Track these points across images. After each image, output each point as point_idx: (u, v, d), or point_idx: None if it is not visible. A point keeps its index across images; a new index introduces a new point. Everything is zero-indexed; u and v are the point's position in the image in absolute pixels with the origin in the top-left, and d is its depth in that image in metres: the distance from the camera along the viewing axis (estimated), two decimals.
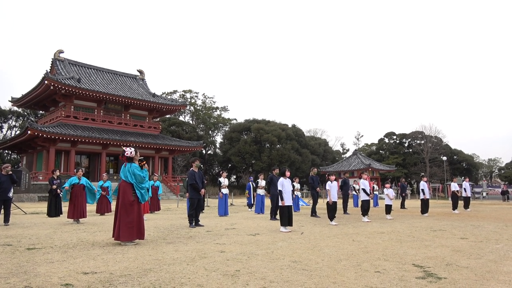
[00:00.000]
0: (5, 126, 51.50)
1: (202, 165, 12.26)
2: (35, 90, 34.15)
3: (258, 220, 11.71)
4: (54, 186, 12.25)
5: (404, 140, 64.71)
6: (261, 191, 15.02)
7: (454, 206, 15.81)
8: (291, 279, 4.10)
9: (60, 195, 12.64)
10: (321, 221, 11.33)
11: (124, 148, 6.89)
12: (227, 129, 61.98)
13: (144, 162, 7.03)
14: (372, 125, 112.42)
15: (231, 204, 22.33)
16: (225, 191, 13.70)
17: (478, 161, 73.25)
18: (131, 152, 6.71)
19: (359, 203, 12.60)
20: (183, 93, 62.94)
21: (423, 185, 14.54)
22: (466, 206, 17.26)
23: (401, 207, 19.32)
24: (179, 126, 55.95)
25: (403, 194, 20.76)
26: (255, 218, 12.56)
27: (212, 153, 61.37)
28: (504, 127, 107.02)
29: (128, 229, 6.42)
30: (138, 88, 42.13)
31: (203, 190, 9.83)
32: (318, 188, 13.37)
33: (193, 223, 9.56)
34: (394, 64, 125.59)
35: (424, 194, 14.30)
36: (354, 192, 20.53)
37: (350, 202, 19.48)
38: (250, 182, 17.73)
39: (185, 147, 40.82)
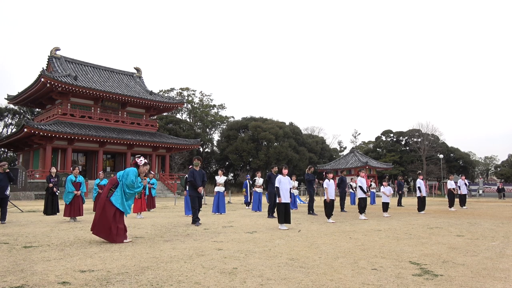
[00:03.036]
0: (1, 124, 51.31)
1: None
2: (32, 87, 34.00)
3: (256, 218, 11.72)
4: (51, 185, 12.19)
5: (401, 138, 64.92)
6: (258, 189, 15.04)
7: (451, 204, 15.88)
8: (288, 277, 4.11)
9: (57, 193, 12.58)
10: (318, 218, 11.36)
11: (138, 155, 6.91)
12: (224, 127, 61.93)
13: (146, 177, 6.95)
14: (369, 123, 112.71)
15: (229, 202, 22.34)
16: (218, 189, 13.62)
17: (474, 159, 73.55)
18: (140, 161, 6.65)
19: (356, 201, 12.64)
20: (180, 90, 62.85)
21: (419, 183, 14.58)
22: (463, 203, 17.33)
23: (398, 205, 19.38)
24: (176, 124, 55.85)
25: (400, 192, 20.82)
26: (252, 216, 12.57)
27: (209, 151, 61.34)
28: (501, 125, 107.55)
29: (96, 223, 6.41)
30: (135, 86, 42.01)
31: (201, 188, 9.79)
32: (316, 180, 13.35)
33: (199, 221, 9.54)
34: (391, 62, 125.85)
35: (420, 191, 14.35)
36: (351, 190, 20.57)
37: (347, 200, 19.52)
38: (247, 180, 17.75)
39: (182, 145, 40.78)
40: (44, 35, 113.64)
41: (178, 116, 61.36)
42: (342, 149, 72.52)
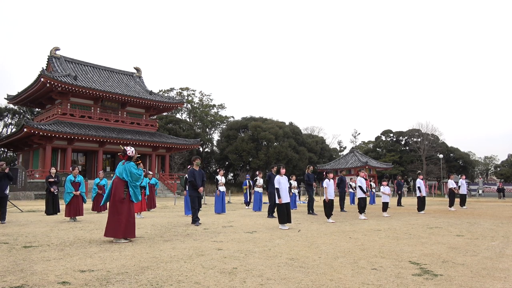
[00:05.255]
0: (1, 123, 51.26)
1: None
2: (31, 87, 33.97)
3: (255, 217, 11.72)
4: (51, 179, 12.14)
5: (401, 138, 64.93)
6: (259, 189, 15.05)
7: (451, 204, 15.87)
8: (288, 277, 4.11)
9: (55, 192, 12.55)
10: (318, 218, 11.36)
11: (125, 147, 7.00)
12: (224, 126, 61.92)
13: (139, 161, 7.06)
14: (369, 123, 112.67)
15: (228, 202, 22.35)
16: (222, 188, 13.72)
17: (474, 159, 73.56)
18: (132, 152, 6.81)
19: (356, 201, 12.64)
20: (180, 90, 62.84)
21: (419, 182, 14.59)
22: (462, 203, 17.33)
23: (398, 205, 19.39)
24: (176, 124, 55.84)
25: (400, 192, 20.82)
26: (252, 215, 12.58)
27: (209, 150, 61.34)
28: (501, 125, 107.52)
29: (115, 226, 6.48)
30: (135, 86, 42.00)
31: (201, 188, 9.79)
32: (314, 184, 13.40)
33: (198, 221, 9.55)
34: (391, 62, 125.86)
35: (420, 191, 14.36)
36: (351, 190, 20.58)
37: (347, 199, 19.52)
38: (247, 180, 17.77)
39: (182, 145, 40.77)
40: (44, 35, 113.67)
41: (178, 116, 61.36)
42: (342, 149, 72.54)
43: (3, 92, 64.15)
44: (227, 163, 57.77)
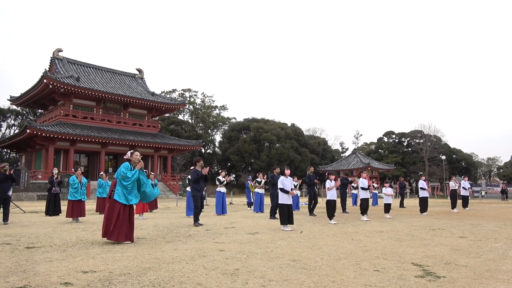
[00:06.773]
0: (4, 125, 51.42)
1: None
2: (34, 88, 34.11)
3: (257, 219, 11.71)
4: (61, 173, 12.20)
5: (403, 139, 64.79)
6: (259, 190, 15.03)
7: (453, 205, 15.82)
8: (290, 278, 4.10)
9: (54, 189, 12.55)
10: (321, 220, 11.34)
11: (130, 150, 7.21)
12: (226, 128, 61.96)
13: (138, 162, 7.04)
14: (371, 124, 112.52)
15: (230, 203, 22.35)
16: (223, 189, 13.69)
17: (477, 160, 73.38)
18: (127, 155, 6.94)
19: (358, 202, 12.62)
20: (182, 92, 62.96)
21: (422, 184, 14.55)
22: (465, 205, 17.27)
23: (400, 206, 19.35)
24: (178, 125, 55.92)
25: (403, 193, 20.77)
26: (254, 217, 12.57)
27: (211, 152, 61.38)
28: (503, 126, 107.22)
29: (103, 225, 6.63)
30: (137, 87, 42.09)
31: (206, 169, 9.80)
32: (316, 180, 13.44)
33: (198, 221, 9.57)
34: (393, 63, 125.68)
35: (423, 192, 14.32)
36: (353, 191, 20.54)
37: (349, 201, 19.48)
38: (249, 181, 17.78)
39: (184, 146, 40.82)
40: (46, 36, 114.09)
41: (180, 117, 61.45)
42: (344, 150, 72.43)
43: (6, 93, 64.52)
44: (229, 164, 57.76)
